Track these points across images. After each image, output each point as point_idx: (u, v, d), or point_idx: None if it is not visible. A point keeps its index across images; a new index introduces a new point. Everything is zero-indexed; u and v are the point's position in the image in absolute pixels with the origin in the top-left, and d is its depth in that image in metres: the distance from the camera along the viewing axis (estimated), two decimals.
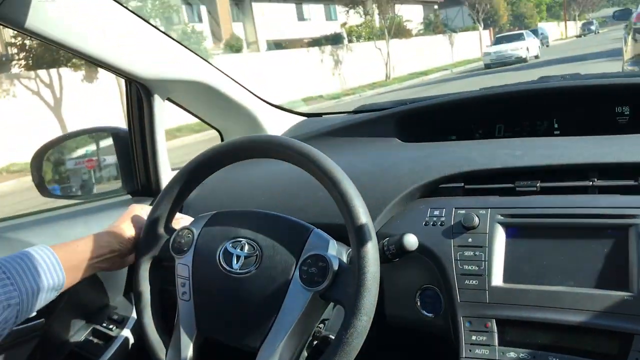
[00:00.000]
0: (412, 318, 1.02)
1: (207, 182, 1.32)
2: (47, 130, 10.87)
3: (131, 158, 1.44)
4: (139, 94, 1.34)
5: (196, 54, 1.41)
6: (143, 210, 1.13)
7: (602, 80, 1.28)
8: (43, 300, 0.94)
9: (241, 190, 1.30)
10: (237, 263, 0.97)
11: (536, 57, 23.71)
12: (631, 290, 0.83)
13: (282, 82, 17.41)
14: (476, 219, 0.96)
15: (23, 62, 13.19)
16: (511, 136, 1.35)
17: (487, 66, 22.60)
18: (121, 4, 1.18)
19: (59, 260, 0.96)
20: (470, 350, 0.90)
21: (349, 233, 0.88)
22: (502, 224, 0.96)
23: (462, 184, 1.06)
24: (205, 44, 18.69)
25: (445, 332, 0.98)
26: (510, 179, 1.01)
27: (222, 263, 0.98)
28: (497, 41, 24.71)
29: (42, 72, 12.95)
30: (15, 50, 13.31)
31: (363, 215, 0.87)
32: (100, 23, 1.14)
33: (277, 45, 24.54)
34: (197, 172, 1.06)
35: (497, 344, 0.89)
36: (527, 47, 23.21)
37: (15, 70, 13.25)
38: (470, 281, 0.94)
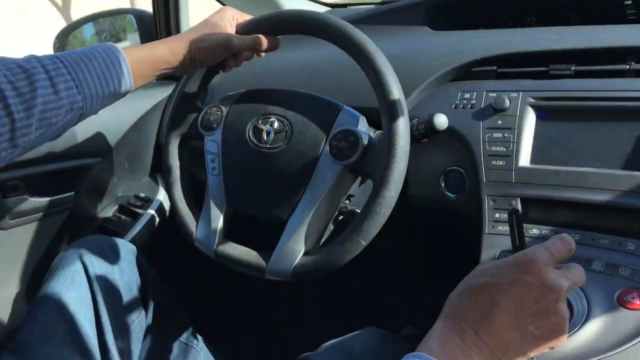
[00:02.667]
0: (436, 198, 1.04)
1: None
2: None
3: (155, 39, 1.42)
4: None
5: None
6: (229, 14, 0.99)
7: None
8: (107, 104, 0.89)
9: (267, 73, 1.29)
10: (266, 138, 0.98)
11: None
12: None
13: None
14: (507, 102, 0.96)
15: None
16: None
17: None
18: None
19: (129, 68, 0.87)
20: (493, 227, 0.92)
21: (381, 108, 0.88)
22: (533, 106, 0.95)
23: (495, 67, 1.04)
24: None
25: (468, 212, 1.00)
26: (544, 63, 1.00)
27: (251, 139, 0.99)
28: None
29: None
30: None
31: (396, 91, 0.87)
32: None
33: None
34: None
35: None
36: None
37: None
38: (497, 162, 0.95)
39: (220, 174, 1.02)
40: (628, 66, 0.94)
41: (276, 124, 0.98)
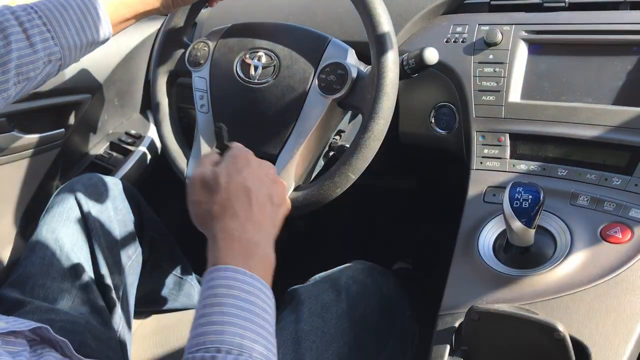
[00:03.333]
0: (426, 135, 1.04)
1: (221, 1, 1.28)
2: None
3: None
4: None
5: None
6: None
7: None
8: (87, 52, 0.87)
9: (256, 7, 1.26)
10: (254, 73, 0.96)
11: None
12: None
13: None
14: (499, 35, 0.94)
15: None
16: None
17: None
18: None
19: (107, 14, 0.85)
20: (481, 163, 0.93)
21: (370, 41, 0.86)
22: (525, 40, 0.94)
23: (488, 0, 1.02)
24: None
25: (457, 148, 1.00)
26: None
27: (239, 74, 0.98)
28: None
29: None
30: None
31: (385, 23, 0.85)
32: None
33: None
34: None
35: (508, 157, 0.91)
36: None
37: None
38: (487, 97, 0.94)
39: (209, 111, 1.01)
40: None
41: (264, 59, 0.96)
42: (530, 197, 0.73)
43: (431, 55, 0.93)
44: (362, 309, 0.89)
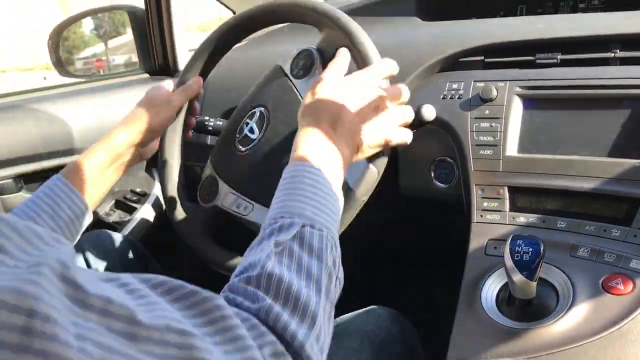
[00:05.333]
0: (426, 188, 1.05)
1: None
2: None
3: (148, 37, 1.43)
4: None
5: None
6: (159, 89, 1.03)
7: None
8: (81, 226, 0.89)
9: (254, 71, 1.30)
10: (252, 136, 1.01)
11: None
12: None
13: None
14: (494, 91, 0.97)
15: None
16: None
17: None
18: None
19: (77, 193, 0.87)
20: (481, 216, 0.94)
21: None
22: (520, 95, 0.96)
23: (482, 58, 1.05)
24: None
25: (457, 201, 1.01)
26: (531, 52, 1.01)
27: (239, 148, 1.02)
28: None
29: None
30: None
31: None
32: None
33: None
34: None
35: (507, 210, 0.93)
36: None
37: None
38: (485, 151, 0.96)
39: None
40: (613, 54, 0.94)
41: (257, 115, 1.01)
42: (531, 249, 0.74)
43: (428, 112, 0.95)
44: (386, 359, 0.88)
